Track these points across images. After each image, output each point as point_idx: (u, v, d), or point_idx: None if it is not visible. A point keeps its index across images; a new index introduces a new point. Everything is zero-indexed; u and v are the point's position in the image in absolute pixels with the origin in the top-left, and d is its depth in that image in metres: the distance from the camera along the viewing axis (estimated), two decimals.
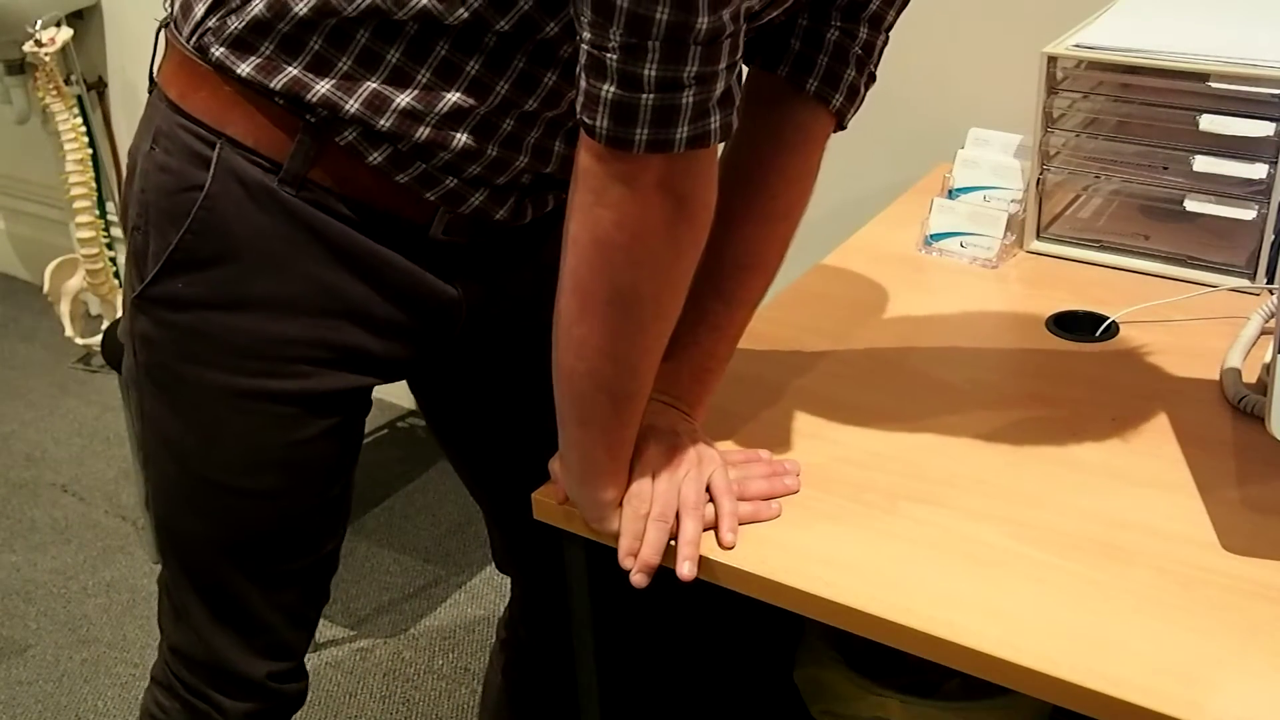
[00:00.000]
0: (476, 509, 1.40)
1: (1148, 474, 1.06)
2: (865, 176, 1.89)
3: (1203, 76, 1.30)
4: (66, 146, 2.48)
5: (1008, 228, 1.43)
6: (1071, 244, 1.44)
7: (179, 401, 1.08)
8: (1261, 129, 1.29)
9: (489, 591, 2.19)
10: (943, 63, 1.77)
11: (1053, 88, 1.40)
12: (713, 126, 0.86)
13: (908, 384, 1.21)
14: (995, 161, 1.49)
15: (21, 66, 2.55)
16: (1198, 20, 1.41)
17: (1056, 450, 1.10)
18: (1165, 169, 1.38)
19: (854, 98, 1.08)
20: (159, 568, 1.19)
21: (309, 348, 1.06)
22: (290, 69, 0.96)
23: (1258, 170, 1.30)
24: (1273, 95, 1.28)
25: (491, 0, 0.92)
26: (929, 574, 0.96)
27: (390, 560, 2.27)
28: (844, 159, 1.93)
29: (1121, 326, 1.29)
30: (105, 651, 2.09)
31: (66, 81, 2.47)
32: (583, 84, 0.85)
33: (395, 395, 2.67)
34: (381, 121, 0.97)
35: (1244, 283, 1.35)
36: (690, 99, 0.83)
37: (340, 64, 0.96)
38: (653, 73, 0.82)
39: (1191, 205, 1.35)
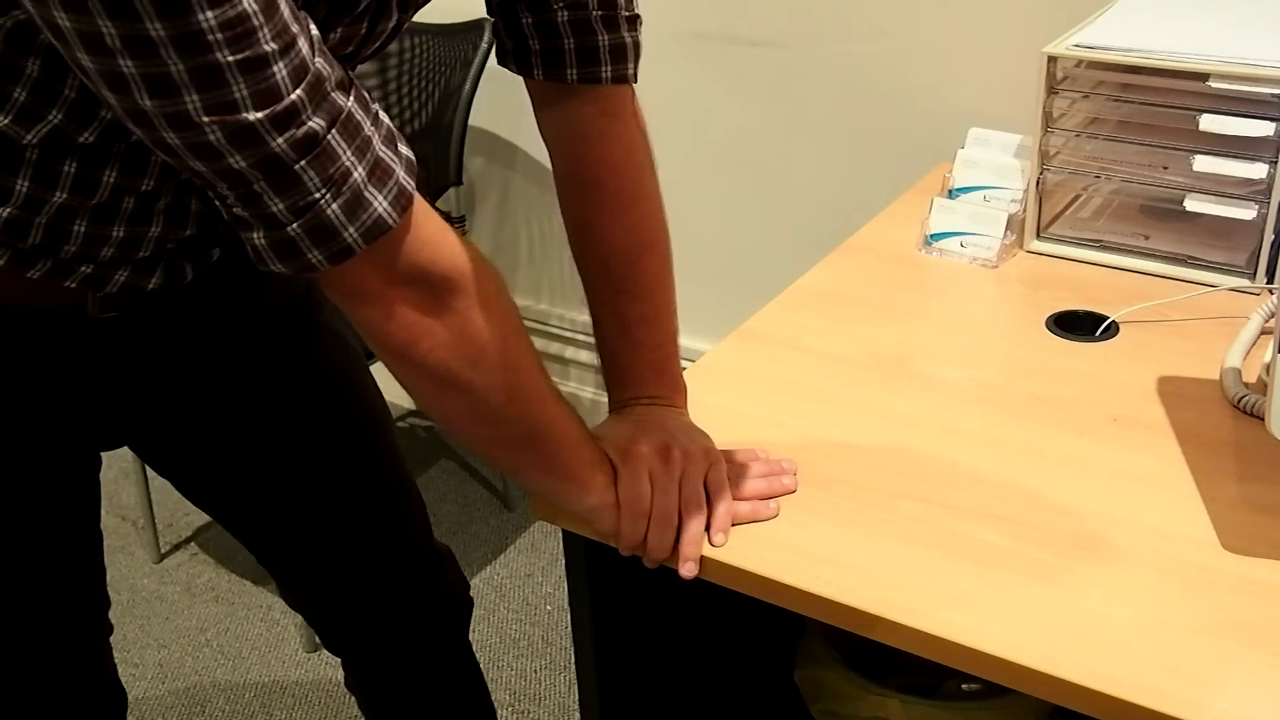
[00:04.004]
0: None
1: (1148, 474, 1.06)
2: (865, 176, 1.89)
3: (1203, 76, 1.30)
4: None
5: (1008, 228, 1.43)
6: (1071, 244, 1.44)
7: None
8: (1261, 129, 1.29)
9: (489, 591, 2.19)
10: (943, 63, 1.77)
11: (1053, 88, 1.40)
12: (380, 211, 0.79)
13: (908, 384, 1.21)
14: (995, 161, 1.49)
15: None
16: (1198, 20, 1.41)
17: (1056, 450, 1.10)
18: (1165, 169, 1.38)
19: (624, 57, 1.02)
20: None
21: None
22: None
23: (1258, 170, 1.30)
24: (1273, 95, 1.28)
25: (70, 116, 0.86)
26: (929, 574, 0.96)
27: None
28: (844, 159, 1.94)
29: (1121, 326, 1.29)
30: None
31: None
32: (243, 237, 0.80)
33: (395, 395, 2.67)
34: None
35: (1244, 283, 1.35)
36: (335, 206, 0.78)
37: None
38: (280, 207, 0.77)
39: (1191, 205, 1.35)
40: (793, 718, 1.38)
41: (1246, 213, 1.33)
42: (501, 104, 2.18)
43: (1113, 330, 1.28)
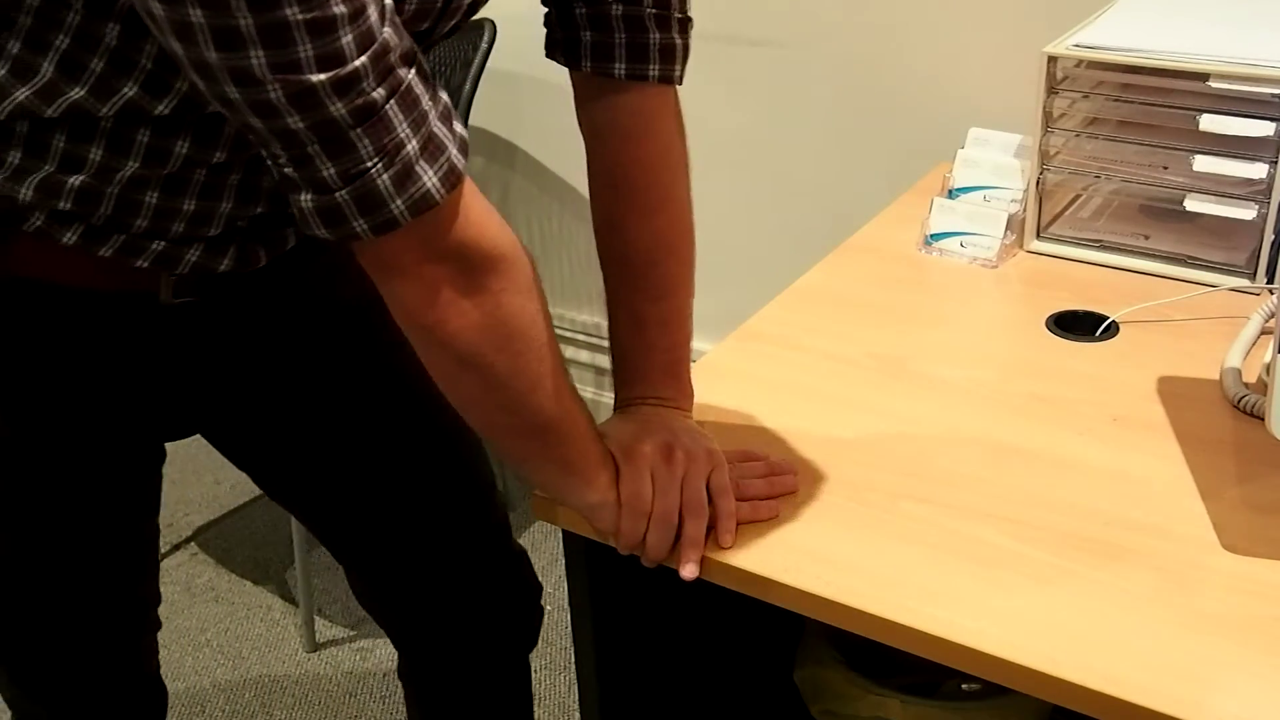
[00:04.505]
0: None
1: (1148, 474, 1.06)
2: (865, 176, 1.89)
3: (1203, 76, 1.30)
4: None
5: (1008, 228, 1.43)
6: (1071, 244, 1.44)
7: None
8: (1261, 129, 1.29)
9: None
10: (943, 63, 1.77)
11: (1053, 88, 1.40)
12: (429, 185, 0.80)
13: (908, 384, 1.21)
14: (995, 161, 1.49)
15: None
16: (1198, 20, 1.41)
17: (1056, 450, 1.10)
18: (1165, 169, 1.38)
19: (672, 58, 1.03)
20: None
21: (58, 439, 1.03)
22: None
23: (1258, 170, 1.30)
24: (1273, 95, 1.28)
25: (145, 88, 0.87)
26: (929, 574, 0.96)
27: None
28: (844, 159, 1.94)
29: (1121, 326, 1.29)
30: None
31: None
32: (289, 199, 0.81)
33: None
34: (61, 204, 0.92)
35: (1244, 283, 1.35)
36: (385, 176, 0.78)
37: (9, 158, 0.91)
38: (331, 172, 0.77)
39: (1191, 205, 1.35)
40: (793, 718, 1.38)
41: (1246, 213, 1.33)
42: (501, 104, 2.18)
43: (1113, 330, 1.28)
